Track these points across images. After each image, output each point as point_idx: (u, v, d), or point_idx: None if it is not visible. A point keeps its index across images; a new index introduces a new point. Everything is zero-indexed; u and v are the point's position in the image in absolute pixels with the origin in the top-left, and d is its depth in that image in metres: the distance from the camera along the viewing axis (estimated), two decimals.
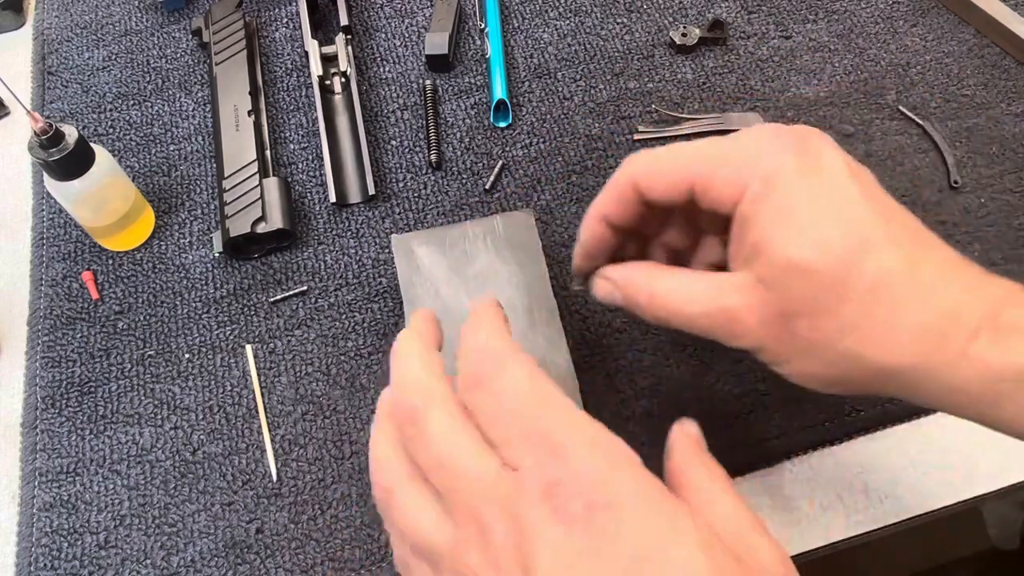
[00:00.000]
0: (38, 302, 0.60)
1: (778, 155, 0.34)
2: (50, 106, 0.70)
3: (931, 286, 0.32)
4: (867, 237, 0.32)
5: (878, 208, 0.33)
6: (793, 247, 0.33)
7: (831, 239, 0.32)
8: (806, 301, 0.33)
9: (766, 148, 0.35)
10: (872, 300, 0.32)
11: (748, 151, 0.35)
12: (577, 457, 0.29)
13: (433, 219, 0.62)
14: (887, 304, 0.32)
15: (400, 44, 0.72)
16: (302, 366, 0.56)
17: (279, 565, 0.49)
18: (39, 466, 0.53)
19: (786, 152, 0.34)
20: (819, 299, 0.33)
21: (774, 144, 0.35)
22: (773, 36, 0.71)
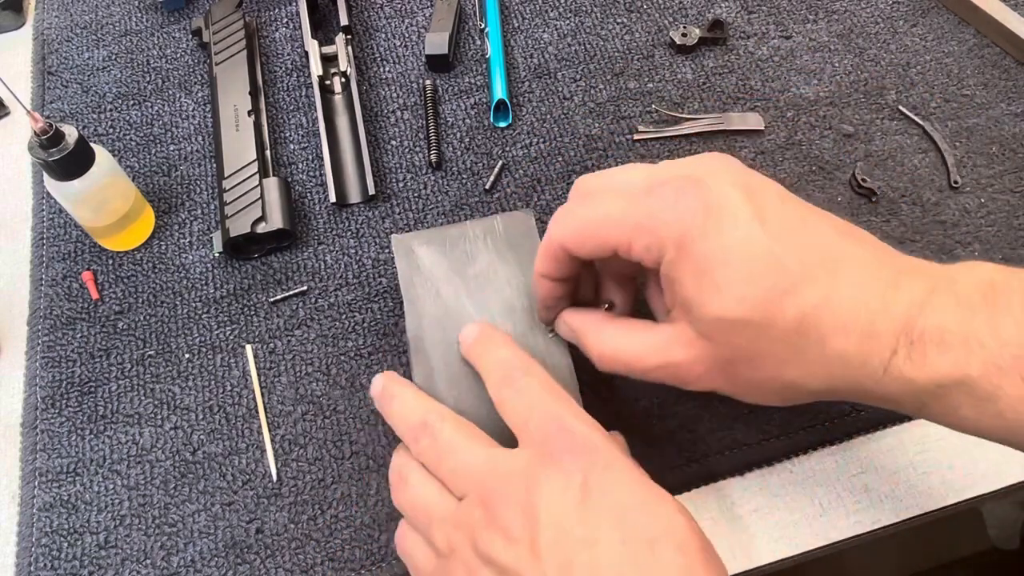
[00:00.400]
0: (38, 302, 0.60)
1: (684, 218, 0.36)
2: (50, 106, 0.70)
3: (849, 310, 0.35)
4: (781, 284, 0.35)
5: (787, 244, 0.35)
6: (717, 306, 0.35)
7: (749, 294, 0.35)
8: (743, 348, 0.36)
9: (672, 213, 0.37)
10: (799, 337, 0.35)
11: (659, 217, 0.37)
12: (581, 433, 0.38)
13: (433, 219, 0.62)
14: (813, 338, 0.35)
15: (400, 44, 0.72)
16: (302, 366, 0.56)
17: (279, 565, 0.49)
18: (39, 466, 0.53)
19: (692, 215, 0.36)
20: (753, 345, 0.36)
21: (680, 207, 0.36)
22: (773, 36, 0.71)
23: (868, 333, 0.34)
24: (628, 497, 0.36)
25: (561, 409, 0.39)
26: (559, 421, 0.38)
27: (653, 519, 0.35)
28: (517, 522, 0.35)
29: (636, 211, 0.38)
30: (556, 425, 0.38)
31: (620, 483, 0.36)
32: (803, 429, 0.52)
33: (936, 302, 0.34)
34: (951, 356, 0.33)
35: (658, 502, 0.36)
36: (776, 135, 0.65)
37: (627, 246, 0.38)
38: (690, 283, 0.36)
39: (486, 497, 0.37)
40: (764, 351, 0.36)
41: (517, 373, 0.41)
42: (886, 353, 0.34)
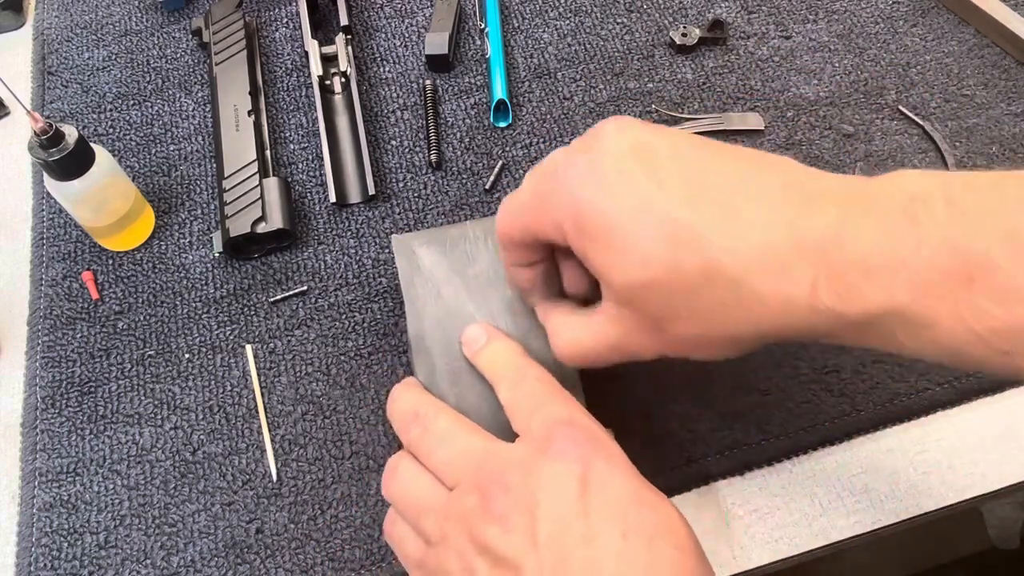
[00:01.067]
0: (38, 302, 0.60)
1: (576, 193, 0.35)
2: (50, 106, 0.70)
3: (753, 249, 0.32)
4: (680, 237, 0.33)
5: (682, 196, 0.34)
6: (625, 274, 0.34)
7: (652, 255, 0.33)
8: (663, 309, 0.35)
9: (565, 189, 0.36)
10: (710, 287, 0.33)
11: (555, 197, 0.36)
12: (583, 426, 0.38)
13: (433, 219, 0.62)
14: (725, 286, 0.33)
15: (400, 44, 0.72)
16: (302, 366, 0.56)
17: (279, 565, 0.49)
18: (39, 466, 0.53)
19: (582, 188, 0.35)
20: (671, 304, 0.34)
21: (572, 182, 0.36)
22: (773, 36, 0.71)
23: (779, 270, 0.32)
24: (627, 493, 0.36)
25: (566, 408, 0.40)
26: (562, 418, 0.39)
27: (652, 516, 0.35)
28: (515, 511, 0.35)
29: (539, 191, 0.37)
30: (558, 421, 0.38)
31: (619, 478, 0.36)
32: (803, 429, 0.52)
33: (852, 226, 0.31)
34: (877, 283, 0.31)
35: (657, 500, 0.36)
36: (776, 135, 0.65)
37: (537, 228, 0.38)
38: (597, 257, 0.35)
39: (482, 484, 0.37)
40: (684, 308, 0.34)
41: (518, 373, 0.42)
42: (805, 288, 0.32)
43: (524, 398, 0.41)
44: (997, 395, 0.54)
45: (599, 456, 0.37)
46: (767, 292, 0.32)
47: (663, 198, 0.34)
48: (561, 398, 0.40)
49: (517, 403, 0.41)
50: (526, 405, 0.40)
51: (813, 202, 0.33)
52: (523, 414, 0.40)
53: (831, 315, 0.32)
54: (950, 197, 0.31)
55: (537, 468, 0.36)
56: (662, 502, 0.36)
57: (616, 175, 0.35)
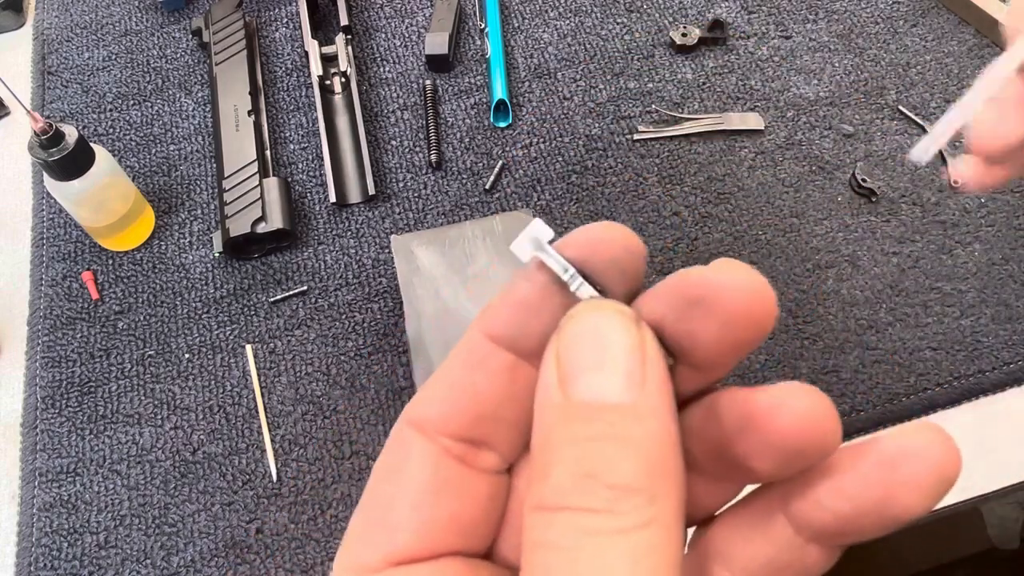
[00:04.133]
0: (38, 302, 0.60)
1: None
2: (50, 106, 0.70)
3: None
4: None
5: None
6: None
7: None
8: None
9: None
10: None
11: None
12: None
13: (433, 219, 0.62)
14: None
15: (400, 44, 0.72)
16: (302, 366, 0.56)
17: (279, 565, 0.49)
18: (39, 466, 0.53)
19: None
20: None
21: None
22: (773, 36, 0.71)
23: None
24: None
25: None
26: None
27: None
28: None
29: None
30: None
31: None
32: None
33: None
34: None
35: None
36: (776, 135, 0.65)
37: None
38: None
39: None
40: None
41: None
42: None
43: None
44: (997, 395, 0.54)
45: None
46: None
47: None
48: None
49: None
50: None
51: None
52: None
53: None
54: None
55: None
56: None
57: None
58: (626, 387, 0.15)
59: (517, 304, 0.18)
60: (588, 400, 0.16)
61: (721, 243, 0.60)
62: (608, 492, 0.15)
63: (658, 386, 0.16)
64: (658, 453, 0.15)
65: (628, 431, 0.15)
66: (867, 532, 0.16)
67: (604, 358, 0.16)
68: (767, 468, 0.16)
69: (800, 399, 0.15)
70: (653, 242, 0.60)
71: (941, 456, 0.16)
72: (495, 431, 0.18)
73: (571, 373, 0.16)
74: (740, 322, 0.16)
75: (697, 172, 0.63)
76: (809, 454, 0.16)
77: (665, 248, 0.60)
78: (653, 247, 0.60)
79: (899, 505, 0.15)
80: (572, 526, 0.15)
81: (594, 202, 0.62)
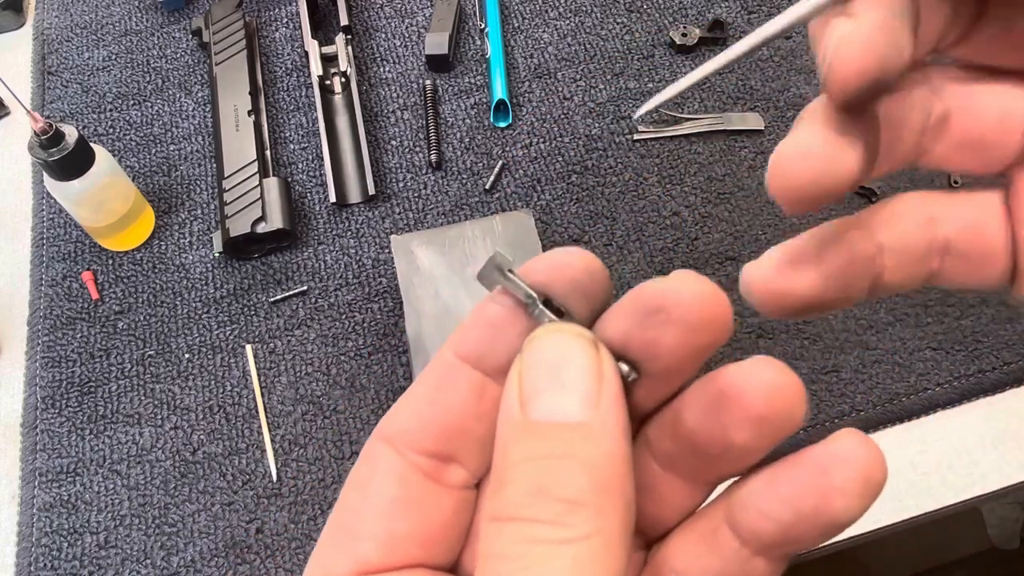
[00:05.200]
0: (38, 302, 0.60)
1: None
2: (50, 106, 0.70)
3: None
4: None
5: None
6: None
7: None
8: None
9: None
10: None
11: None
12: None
13: (433, 219, 0.62)
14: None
15: (400, 44, 0.72)
16: (302, 366, 0.56)
17: (279, 565, 0.49)
18: (39, 466, 0.53)
19: None
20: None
21: None
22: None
23: None
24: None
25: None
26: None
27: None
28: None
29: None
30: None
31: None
32: (803, 430, 0.52)
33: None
34: None
35: None
36: (776, 135, 0.65)
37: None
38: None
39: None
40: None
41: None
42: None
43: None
44: (997, 395, 0.54)
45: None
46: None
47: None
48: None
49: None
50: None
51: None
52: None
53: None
54: None
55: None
56: None
57: None
58: (581, 407, 0.16)
59: (486, 324, 0.19)
60: (545, 419, 0.16)
61: (721, 243, 0.60)
62: (557, 505, 0.15)
63: (612, 406, 0.17)
64: (608, 470, 0.16)
65: (580, 449, 0.16)
66: (807, 540, 0.17)
67: (562, 379, 0.17)
68: (744, 438, 0.17)
69: (767, 368, 0.17)
70: (653, 242, 0.60)
71: (867, 461, 0.16)
72: (463, 447, 0.19)
73: (531, 393, 0.17)
74: (697, 326, 0.17)
75: (697, 172, 0.63)
76: (780, 421, 0.17)
77: (665, 248, 0.60)
78: (653, 247, 0.60)
79: (833, 510, 0.16)
80: (521, 536, 0.15)
81: (594, 202, 0.62)
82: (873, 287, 0.20)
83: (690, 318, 0.17)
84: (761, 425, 0.17)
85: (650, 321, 0.17)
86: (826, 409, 0.53)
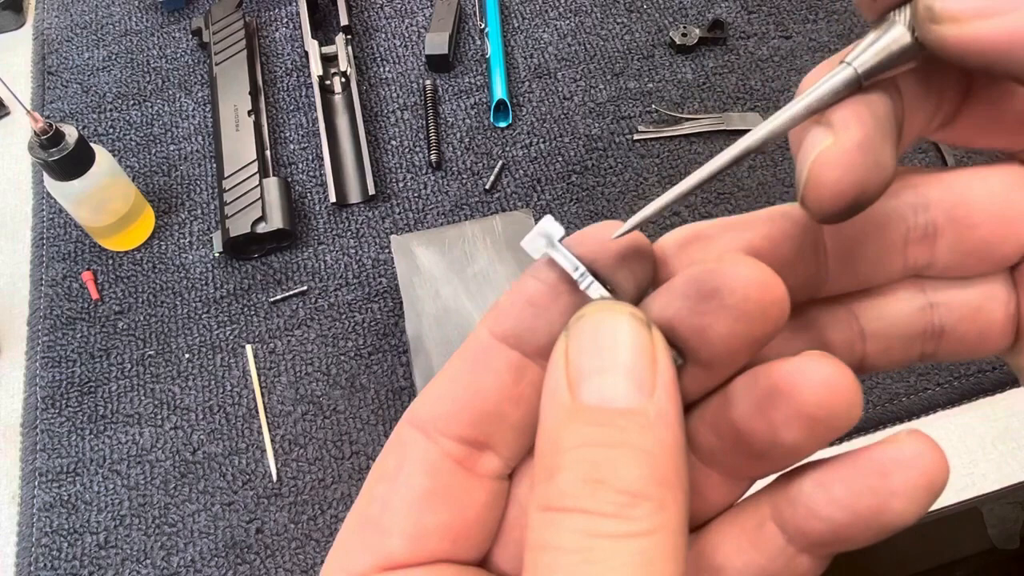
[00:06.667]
0: (38, 302, 0.60)
1: None
2: (50, 106, 0.70)
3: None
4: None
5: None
6: None
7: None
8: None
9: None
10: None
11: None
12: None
13: (433, 219, 0.62)
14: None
15: (400, 44, 0.72)
16: (302, 366, 0.56)
17: (279, 565, 0.49)
18: (39, 466, 0.53)
19: None
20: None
21: None
22: (773, 36, 0.71)
23: None
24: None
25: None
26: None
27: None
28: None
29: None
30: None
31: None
32: None
33: None
34: None
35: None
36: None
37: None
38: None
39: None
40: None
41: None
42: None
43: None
44: (997, 395, 0.54)
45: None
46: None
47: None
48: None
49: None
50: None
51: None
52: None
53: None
54: None
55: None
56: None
57: None
58: (636, 392, 0.15)
59: (525, 302, 0.18)
60: (597, 403, 0.15)
61: None
62: (618, 497, 0.15)
63: (667, 392, 0.16)
64: (667, 461, 0.15)
65: (638, 437, 0.15)
66: (859, 540, 0.16)
67: (614, 361, 0.16)
68: (795, 438, 0.16)
69: (823, 365, 0.15)
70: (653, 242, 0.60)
71: (930, 464, 0.16)
72: (498, 433, 0.18)
73: (580, 375, 0.16)
74: (753, 314, 0.16)
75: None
76: (834, 421, 0.16)
77: None
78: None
79: (891, 512, 0.16)
80: (580, 528, 0.15)
81: (594, 202, 0.62)
82: (858, 368, 0.19)
83: (747, 306, 0.16)
84: (814, 425, 0.16)
85: (703, 306, 0.16)
86: None
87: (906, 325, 0.19)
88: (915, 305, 0.19)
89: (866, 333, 0.19)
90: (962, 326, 0.18)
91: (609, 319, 0.16)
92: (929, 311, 0.19)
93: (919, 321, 0.18)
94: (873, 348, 0.19)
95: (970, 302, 0.18)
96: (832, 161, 0.16)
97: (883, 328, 0.19)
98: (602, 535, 0.14)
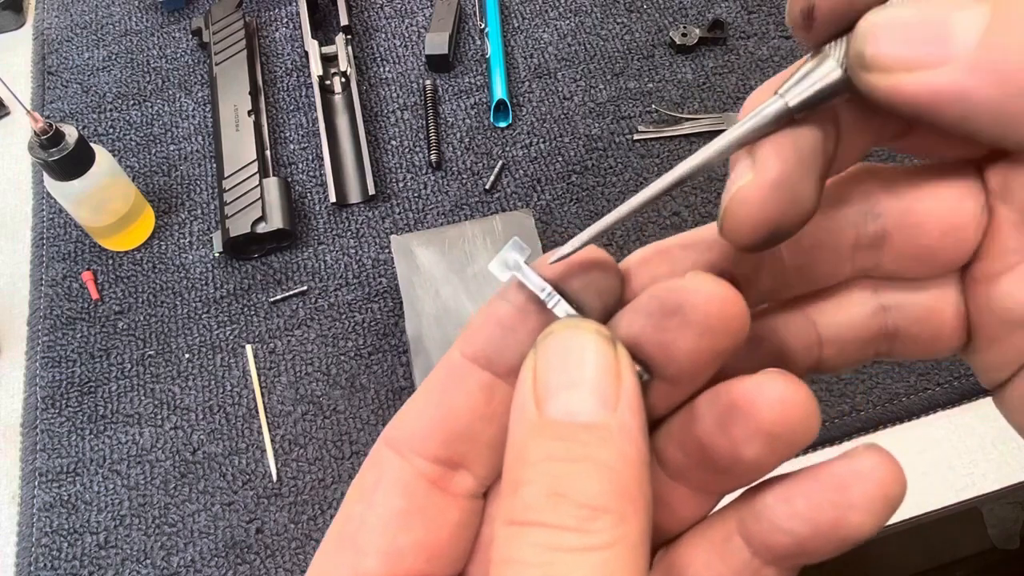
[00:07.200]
0: (38, 302, 0.60)
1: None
2: (50, 106, 0.70)
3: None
4: None
5: None
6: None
7: None
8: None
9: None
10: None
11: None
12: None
13: (433, 219, 0.62)
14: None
15: (400, 44, 0.72)
16: (302, 366, 0.56)
17: (279, 565, 0.49)
18: (39, 466, 0.53)
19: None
20: None
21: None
22: (773, 36, 0.71)
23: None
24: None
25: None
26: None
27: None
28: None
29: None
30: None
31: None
32: None
33: None
34: None
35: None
36: None
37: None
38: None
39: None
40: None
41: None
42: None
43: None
44: None
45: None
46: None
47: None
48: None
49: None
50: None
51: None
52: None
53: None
54: None
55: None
56: None
57: None
58: (600, 407, 0.16)
59: (495, 323, 0.18)
60: (562, 418, 0.16)
61: None
62: (578, 511, 0.15)
63: (631, 406, 0.16)
64: (628, 474, 0.15)
65: (600, 451, 0.15)
66: (820, 553, 0.17)
67: (580, 377, 0.16)
68: (755, 453, 0.16)
69: (779, 383, 0.16)
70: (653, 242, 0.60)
71: (886, 476, 0.17)
72: (471, 452, 0.18)
73: (547, 390, 0.16)
74: (715, 329, 0.16)
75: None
76: (791, 436, 0.16)
77: None
78: None
79: (850, 525, 0.16)
80: (542, 541, 0.15)
81: (594, 202, 0.62)
82: (813, 367, 0.20)
83: (709, 321, 0.16)
84: (772, 441, 0.16)
85: (667, 323, 0.16)
86: (826, 409, 0.53)
87: (861, 328, 0.19)
88: (868, 309, 0.19)
89: (823, 339, 0.19)
90: (915, 327, 0.19)
91: (575, 336, 0.16)
92: (882, 314, 0.19)
93: (873, 324, 0.19)
94: (829, 351, 0.19)
95: (922, 304, 0.19)
96: (747, 198, 0.16)
97: (839, 333, 0.19)
98: (563, 549, 0.15)
